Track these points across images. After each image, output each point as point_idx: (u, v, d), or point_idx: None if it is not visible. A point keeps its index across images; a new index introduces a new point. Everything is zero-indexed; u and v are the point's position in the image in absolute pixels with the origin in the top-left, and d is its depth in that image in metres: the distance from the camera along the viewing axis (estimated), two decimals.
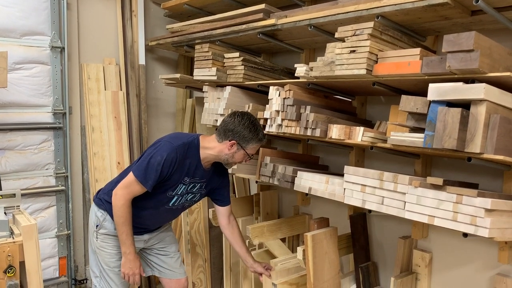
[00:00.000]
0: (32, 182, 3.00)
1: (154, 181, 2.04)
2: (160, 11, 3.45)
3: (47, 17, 2.96)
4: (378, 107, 2.32)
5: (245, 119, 2.08)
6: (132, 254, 2.13)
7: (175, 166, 2.06)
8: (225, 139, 2.09)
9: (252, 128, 2.07)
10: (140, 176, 2.04)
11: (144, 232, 2.31)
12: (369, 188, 1.75)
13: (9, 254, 2.04)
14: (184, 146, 2.09)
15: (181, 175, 2.11)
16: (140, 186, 2.05)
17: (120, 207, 2.06)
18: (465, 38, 1.38)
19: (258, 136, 2.09)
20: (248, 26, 2.35)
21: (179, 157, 2.05)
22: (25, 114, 2.93)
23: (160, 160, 2.02)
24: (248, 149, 2.10)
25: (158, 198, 2.15)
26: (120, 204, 2.06)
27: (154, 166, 2.02)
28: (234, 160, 2.14)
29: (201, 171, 2.17)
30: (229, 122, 2.09)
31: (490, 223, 1.39)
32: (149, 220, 2.26)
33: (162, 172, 2.03)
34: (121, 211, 2.07)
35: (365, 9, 1.77)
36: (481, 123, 1.37)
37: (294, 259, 2.42)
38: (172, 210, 2.25)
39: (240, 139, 2.07)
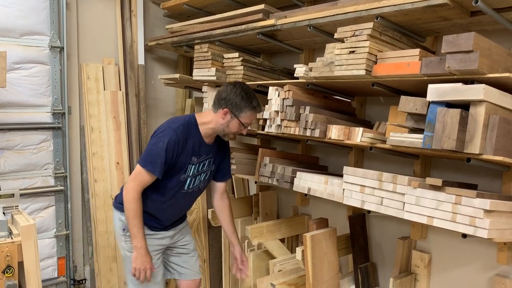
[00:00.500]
0: (31, 182, 2.99)
1: (161, 167, 2.05)
2: (160, 11, 3.44)
3: (46, 17, 2.96)
4: (377, 108, 2.32)
5: (237, 87, 2.11)
6: (144, 249, 2.12)
7: (179, 147, 2.07)
8: (219, 108, 2.11)
9: (245, 95, 2.08)
10: (147, 165, 2.05)
11: (170, 227, 2.31)
12: (368, 188, 1.75)
13: (7, 254, 2.04)
14: (184, 127, 2.10)
15: (187, 156, 2.12)
16: (149, 175, 2.07)
17: (131, 200, 2.08)
18: (464, 39, 1.38)
19: (251, 104, 2.09)
20: (247, 26, 2.35)
21: (181, 138, 2.07)
22: (24, 114, 2.93)
23: (163, 146, 2.03)
24: (242, 118, 2.10)
25: (173, 184, 2.16)
26: (131, 197, 2.08)
27: (158, 152, 2.04)
28: (230, 130, 2.13)
29: (205, 147, 2.19)
30: (222, 91, 2.12)
31: (489, 224, 1.39)
32: (172, 209, 2.25)
33: (167, 156, 2.04)
34: (131, 203, 2.08)
35: (365, 10, 1.77)
36: (480, 124, 1.37)
37: (293, 259, 2.43)
38: (189, 193, 2.24)
39: (232, 107, 2.08)
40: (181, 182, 2.17)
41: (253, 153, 2.60)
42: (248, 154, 2.61)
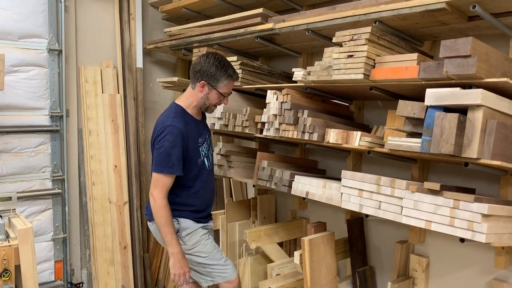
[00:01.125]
0: (29, 185, 2.98)
1: (179, 164, 2.08)
2: (158, 14, 3.45)
3: (44, 19, 2.96)
4: (375, 112, 2.32)
5: (210, 57, 2.10)
6: (180, 253, 2.13)
7: (185, 137, 2.09)
8: (196, 82, 2.12)
9: (219, 65, 2.09)
10: (164, 169, 2.06)
11: (209, 218, 2.35)
12: (366, 192, 1.75)
13: (4, 257, 2.03)
14: (177, 117, 2.11)
15: (195, 141, 2.16)
16: (169, 177, 2.08)
17: (160, 208, 2.08)
18: (462, 44, 1.39)
19: (227, 72, 2.10)
20: (246, 30, 2.35)
21: (182, 128, 2.08)
22: (22, 116, 2.92)
23: (170, 144, 2.05)
24: (220, 88, 2.11)
25: (197, 170, 2.19)
26: (159, 205, 2.08)
27: (168, 152, 2.05)
28: (210, 102, 2.15)
29: (200, 124, 2.24)
30: (196, 64, 2.12)
31: (487, 228, 1.39)
32: (207, 191, 2.28)
33: (180, 151, 2.07)
34: (161, 212, 2.08)
35: (363, 14, 1.78)
36: (478, 128, 1.37)
37: (291, 263, 2.42)
38: (210, 171, 2.30)
39: (209, 78, 2.09)
40: (200, 165, 2.21)
41: (251, 157, 2.60)
42: (246, 158, 2.61)
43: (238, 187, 3.18)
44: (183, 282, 2.18)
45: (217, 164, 2.56)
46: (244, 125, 2.31)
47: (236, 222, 2.84)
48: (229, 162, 2.54)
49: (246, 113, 2.29)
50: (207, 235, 2.29)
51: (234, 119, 2.36)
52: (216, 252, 2.25)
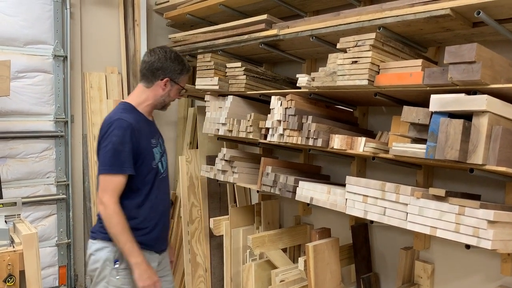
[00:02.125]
0: (33, 190, 2.99)
1: (129, 161, 1.88)
2: (163, 20, 3.47)
3: (50, 26, 2.98)
4: (379, 118, 2.32)
5: (168, 52, 2.04)
6: (145, 263, 1.90)
7: (136, 132, 1.92)
8: (156, 80, 2.02)
9: (179, 59, 2.05)
10: (112, 169, 1.86)
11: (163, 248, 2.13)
12: (371, 198, 1.74)
13: (9, 263, 2.03)
14: (127, 112, 1.97)
15: (147, 139, 2.00)
16: (119, 177, 1.87)
17: (113, 215, 1.85)
18: (467, 50, 1.39)
19: (186, 66, 2.08)
20: (250, 36, 2.36)
21: (131, 122, 1.92)
22: (27, 122, 2.94)
23: (118, 139, 1.87)
24: (181, 82, 2.09)
25: (151, 175, 2.01)
26: (112, 211, 1.85)
27: (117, 149, 1.86)
28: (170, 98, 2.10)
29: (153, 126, 2.14)
30: (153, 62, 2.01)
31: (492, 235, 1.38)
32: (161, 200, 2.07)
33: (129, 146, 1.89)
34: (115, 218, 1.86)
35: (367, 20, 1.78)
36: (483, 134, 1.37)
37: (296, 269, 2.41)
38: (164, 179, 2.12)
39: (172, 74, 2.03)
40: (155, 169, 2.02)
41: (255, 162, 2.60)
42: (250, 163, 2.61)
43: (242, 193, 3.18)
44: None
45: (221, 169, 2.56)
46: (248, 130, 2.31)
47: (240, 228, 2.83)
48: (233, 167, 2.54)
49: (250, 119, 2.29)
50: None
51: (238, 125, 2.37)
52: None
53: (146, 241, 2.01)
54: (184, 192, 3.13)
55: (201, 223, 3.12)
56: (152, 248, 2.05)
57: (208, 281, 3.12)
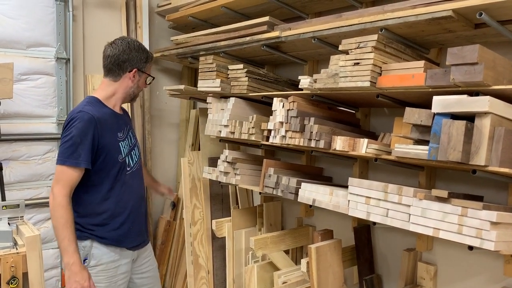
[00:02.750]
0: (36, 192, 3.00)
1: (86, 154, 1.85)
2: (165, 23, 3.48)
3: (52, 28, 2.99)
4: (381, 119, 2.32)
5: (131, 43, 2.04)
6: (78, 265, 1.82)
7: (98, 124, 1.89)
8: (123, 73, 2.02)
9: (142, 47, 2.06)
10: (67, 160, 1.82)
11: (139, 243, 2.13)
12: (374, 200, 1.74)
13: (12, 265, 2.04)
14: (91, 105, 1.94)
15: (112, 133, 1.98)
16: (74, 170, 1.83)
17: (59, 207, 1.80)
18: (469, 51, 1.39)
19: (149, 53, 2.09)
20: (252, 38, 2.37)
21: (94, 114, 1.90)
22: (30, 124, 2.95)
23: (79, 131, 1.84)
24: (147, 70, 2.11)
25: (117, 169, 1.98)
26: (58, 203, 1.80)
27: (75, 141, 1.83)
28: (139, 88, 2.11)
29: (121, 119, 2.10)
30: (118, 54, 2.00)
31: (495, 236, 1.38)
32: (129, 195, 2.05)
33: (89, 138, 1.86)
34: (60, 211, 1.80)
35: (369, 22, 1.78)
36: (486, 135, 1.37)
37: (298, 271, 2.41)
38: (135, 173, 2.10)
39: (139, 64, 2.03)
40: (121, 163, 2.00)
41: (257, 164, 2.61)
42: (252, 165, 2.61)
43: (244, 195, 3.18)
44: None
45: (223, 171, 2.56)
46: (250, 132, 2.31)
47: (242, 230, 2.84)
48: (235, 169, 2.54)
49: (253, 121, 2.30)
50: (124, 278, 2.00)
51: (240, 127, 2.37)
52: None
53: (115, 236, 1.98)
54: (186, 194, 3.13)
55: (204, 225, 3.12)
56: (122, 244, 2.02)
57: (210, 283, 3.12)
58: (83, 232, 1.94)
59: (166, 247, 3.53)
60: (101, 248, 1.95)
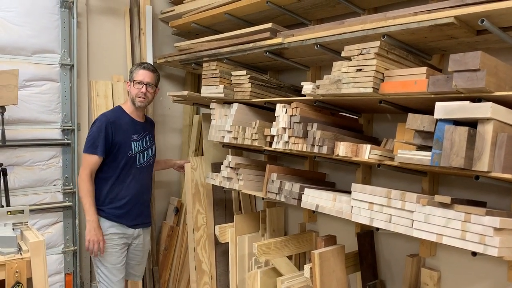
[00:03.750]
0: (40, 198, 3.01)
1: (102, 147, 2.48)
2: (168, 29, 3.50)
3: (57, 35, 3.02)
4: (384, 125, 2.33)
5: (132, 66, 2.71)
6: (96, 222, 2.48)
7: (113, 126, 2.51)
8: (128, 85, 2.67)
9: (136, 64, 2.70)
10: (88, 149, 2.48)
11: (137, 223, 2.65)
12: (377, 206, 1.75)
13: (17, 270, 2.05)
14: (111, 112, 2.61)
15: (126, 133, 2.58)
16: (93, 157, 2.48)
17: (82, 182, 2.48)
18: (471, 58, 1.40)
19: (139, 65, 2.65)
20: (255, 44, 2.38)
21: (110, 118, 2.53)
22: (34, 130, 2.97)
23: (97, 129, 2.49)
24: (134, 77, 2.61)
25: (126, 161, 2.57)
26: (81, 180, 2.48)
27: (94, 136, 2.48)
28: (132, 93, 2.61)
29: (140, 125, 2.69)
30: None
31: (499, 242, 1.38)
32: (135, 184, 2.62)
33: (106, 134, 2.48)
34: (83, 185, 2.48)
35: (371, 29, 1.80)
36: (489, 141, 1.38)
37: (301, 277, 2.41)
38: (143, 168, 2.67)
39: (129, 76, 2.65)
40: (131, 158, 2.59)
41: (260, 169, 2.61)
42: (255, 170, 2.62)
43: (247, 200, 3.19)
44: (97, 250, 2.48)
45: (226, 177, 2.57)
46: (253, 138, 2.32)
47: (245, 235, 2.84)
48: (238, 175, 2.55)
49: (256, 126, 2.31)
50: (121, 248, 2.59)
51: (243, 132, 2.38)
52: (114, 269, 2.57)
53: (117, 214, 2.57)
54: (189, 200, 3.14)
55: (206, 230, 3.12)
56: (121, 220, 2.58)
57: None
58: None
59: (169, 252, 3.54)
60: (106, 222, 2.55)
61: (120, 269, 2.61)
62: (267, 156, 2.88)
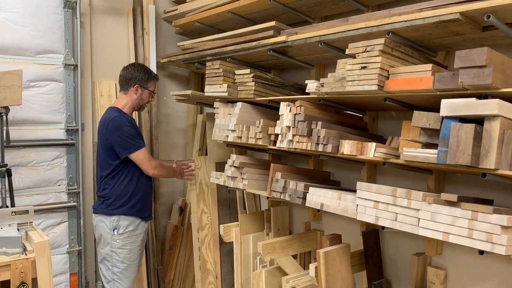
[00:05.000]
0: (45, 198, 3.02)
1: (141, 138, 2.65)
2: (172, 28, 3.50)
3: (61, 35, 3.02)
4: (389, 123, 2.31)
5: (136, 65, 2.72)
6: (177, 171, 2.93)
7: (132, 122, 2.63)
8: (129, 87, 2.68)
9: (145, 69, 2.71)
10: (137, 145, 2.57)
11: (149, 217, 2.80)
12: (382, 204, 1.73)
13: (22, 270, 2.05)
14: (118, 112, 2.62)
15: (139, 130, 2.72)
16: (144, 149, 2.61)
17: (161, 172, 2.72)
18: (477, 54, 1.38)
19: (152, 75, 2.73)
20: (258, 43, 2.37)
21: (126, 116, 2.62)
22: (39, 130, 2.97)
23: (128, 128, 2.55)
24: (150, 87, 2.72)
25: None
26: (156, 171, 2.66)
27: (131, 133, 2.55)
28: (143, 101, 2.72)
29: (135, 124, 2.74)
30: (125, 74, 2.69)
31: (506, 240, 1.37)
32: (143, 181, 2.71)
33: (136, 131, 2.61)
34: (162, 172, 2.75)
35: (376, 26, 1.78)
36: (495, 139, 1.36)
37: (306, 276, 2.40)
38: None
39: (140, 81, 2.67)
40: None
41: (265, 168, 2.60)
42: (260, 170, 2.61)
43: (252, 199, 3.18)
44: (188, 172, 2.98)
45: (230, 176, 2.56)
46: (257, 137, 2.31)
47: (250, 235, 2.83)
48: (242, 174, 2.54)
49: (260, 125, 2.30)
50: (140, 245, 2.71)
51: (247, 131, 2.37)
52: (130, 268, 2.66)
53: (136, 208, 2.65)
54: (193, 199, 3.13)
55: (211, 229, 3.12)
56: (139, 214, 2.67)
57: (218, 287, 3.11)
58: (112, 210, 2.61)
59: (174, 252, 3.53)
60: (126, 219, 2.62)
61: (136, 266, 2.71)
62: (271, 155, 2.88)
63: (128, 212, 2.62)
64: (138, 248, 2.69)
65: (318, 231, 2.71)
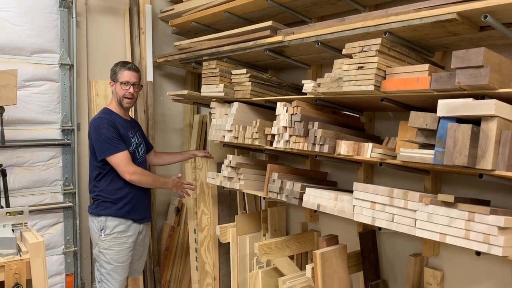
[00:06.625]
0: (40, 199, 3.00)
1: (119, 141, 2.51)
2: (168, 28, 3.48)
3: (56, 35, 3.00)
4: (386, 123, 2.31)
5: (117, 63, 2.66)
6: (170, 180, 2.73)
7: (114, 124, 2.53)
8: (111, 85, 2.65)
9: (119, 63, 2.64)
10: (113, 150, 2.47)
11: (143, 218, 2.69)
12: (379, 205, 1.73)
13: (16, 271, 2.04)
14: (104, 113, 2.58)
15: (125, 131, 2.58)
16: (123, 153, 2.50)
17: (140, 178, 2.55)
18: (474, 54, 1.38)
19: (119, 64, 2.63)
20: (255, 43, 2.36)
21: (109, 118, 2.54)
22: (34, 130, 2.95)
23: (106, 129, 2.48)
24: (120, 78, 2.59)
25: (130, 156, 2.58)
26: (136, 175, 2.52)
27: (108, 136, 2.47)
28: (119, 94, 2.60)
29: (129, 123, 2.69)
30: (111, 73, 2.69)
31: (503, 241, 1.36)
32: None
33: (115, 132, 2.51)
34: (142, 178, 2.56)
35: (372, 26, 1.77)
36: (492, 139, 1.35)
37: (303, 277, 2.39)
38: (142, 163, 2.71)
39: (112, 76, 2.63)
40: (132, 154, 2.60)
41: (261, 169, 2.59)
42: (256, 170, 2.60)
43: (252, 200, 3.16)
44: (187, 187, 2.77)
45: (227, 176, 2.55)
46: (254, 137, 2.30)
47: (246, 235, 2.82)
48: (239, 174, 2.53)
49: (256, 125, 2.29)
50: (129, 247, 2.62)
51: (244, 131, 2.36)
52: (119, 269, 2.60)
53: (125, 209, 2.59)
54: (193, 200, 3.12)
55: (210, 230, 3.11)
56: (130, 215, 2.61)
57: None
58: (100, 210, 2.58)
59: (170, 252, 3.52)
60: (114, 220, 2.56)
61: (125, 268, 2.64)
62: (268, 156, 2.87)
63: (117, 213, 2.57)
64: (129, 250, 2.63)
65: (315, 231, 2.70)
